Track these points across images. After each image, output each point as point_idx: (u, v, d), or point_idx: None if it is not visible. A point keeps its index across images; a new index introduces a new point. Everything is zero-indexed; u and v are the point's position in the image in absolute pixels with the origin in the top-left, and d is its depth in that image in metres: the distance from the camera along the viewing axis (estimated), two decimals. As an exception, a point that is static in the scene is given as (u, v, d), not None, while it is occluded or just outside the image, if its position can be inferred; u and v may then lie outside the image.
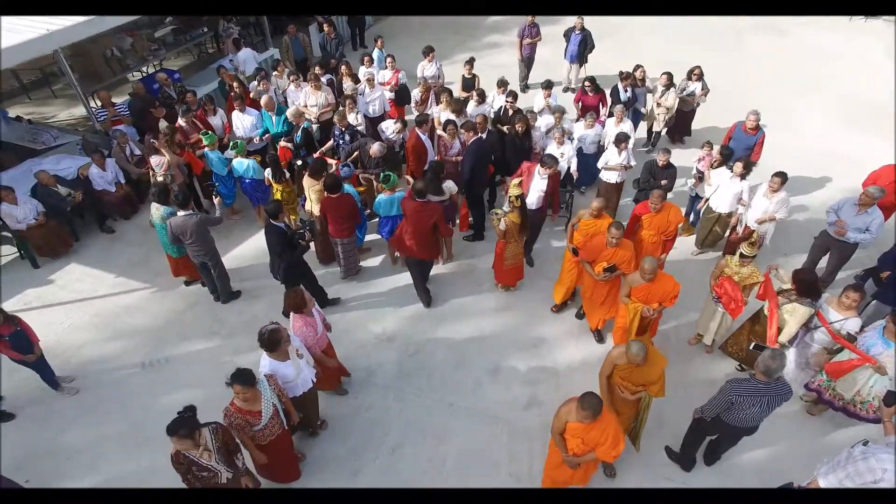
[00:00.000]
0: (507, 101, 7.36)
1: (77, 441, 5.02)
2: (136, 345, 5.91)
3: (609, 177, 6.76)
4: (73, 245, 7.21)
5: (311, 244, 5.89)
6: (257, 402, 3.79)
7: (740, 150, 6.83)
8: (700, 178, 6.72)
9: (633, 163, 6.66)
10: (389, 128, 7.41)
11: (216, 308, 6.30)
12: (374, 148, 6.51)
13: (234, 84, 8.10)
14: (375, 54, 8.95)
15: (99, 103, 8.27)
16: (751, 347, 4.97)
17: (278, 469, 4.36)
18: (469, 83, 8.45)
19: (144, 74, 10.76)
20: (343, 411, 5.16)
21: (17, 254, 7.01)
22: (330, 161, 6.80)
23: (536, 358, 5.61)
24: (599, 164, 6.77)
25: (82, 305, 6.40)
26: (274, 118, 7.40)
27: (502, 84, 7.64)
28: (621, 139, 6.48)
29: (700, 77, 7.97)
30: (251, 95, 8.09)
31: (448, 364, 5.57)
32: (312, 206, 6.29)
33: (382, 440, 4.92)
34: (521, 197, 5.50)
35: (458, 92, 8.51)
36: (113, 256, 7.11)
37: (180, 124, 7.27)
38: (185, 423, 3.40)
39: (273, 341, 3.93)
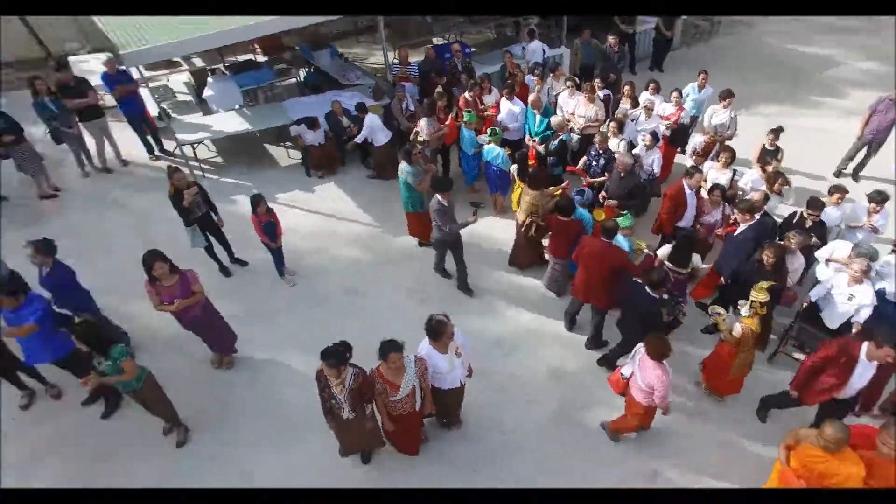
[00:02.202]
0: (808, 213, 5.86)
1: (282, 329, 6.32)
2: (349, 271, 7.10)
3: None
4: (340, 168, 8.97)
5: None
6: (400, 376, 4.22)
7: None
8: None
9: None
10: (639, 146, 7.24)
11: (428, 273, 7.01)
12: (622, 159, 6.44)
13: (515, 72, 8.76)
14: (689, 90, 8.43)
15: (397, 59, 9.73)
16: None
17: (400, 441, 4.90)
18: (770, 154, 7.23)
19: (444, 41, 12.25)
20: (484, 425, 5.39)
21: (300, 161, 8.96)
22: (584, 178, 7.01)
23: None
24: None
25: (326, 220, 7.95)
26: (537, 118, 7.81)
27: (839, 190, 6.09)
28: None
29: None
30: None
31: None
32: (519, 213, 6.53)
33: (508, 466, 5.06)
34: (769, 305, 4.84)
35: (751, 155, 7.50)
36: (362, 189, 8.58)
37: (465, 97, 8.17)
38: (335, 355, 3.98)
39: (436, 331, 4.25)
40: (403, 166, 6.71)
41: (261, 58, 11.85)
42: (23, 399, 5.54)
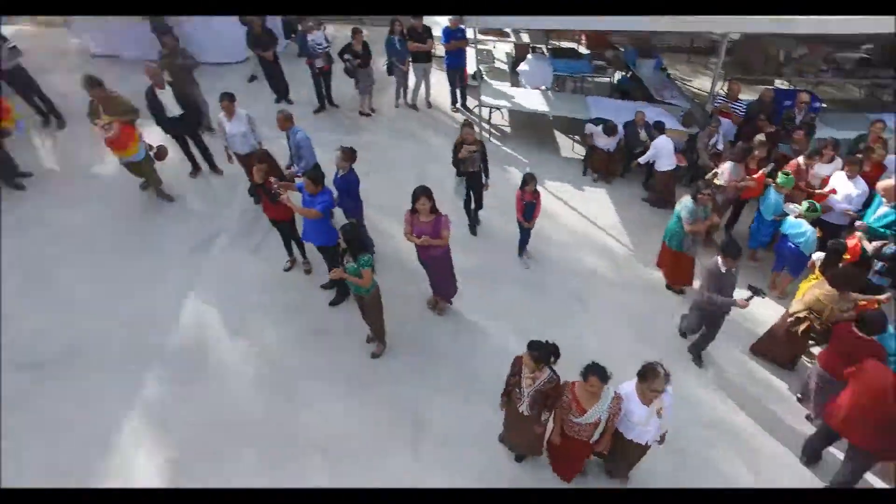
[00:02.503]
0: None
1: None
2: (585, 278, 6.93)
3: None
4: (618, 178, 8.80)
5: None
6: (591, 403, 3.98)
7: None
8: None
9: None
10: None
11: (662, 316, 6.47)
12: None
13: (875, 146, 7.15)
14: None
15: (725, 90, 8.84)
16: None
17: (560, 462, 4.68)
18: None
19: (790, 87, 10.72)
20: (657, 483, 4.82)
21: (581, 158, 9.03)
22: None
23: None
24: None
25: (584, 222, 7.87)
26: (884, 209, 6.27)
27: None
28: None
29: None
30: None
31: None
32: (796, 303, 5.51)
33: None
34: None
35: None
36: (631, 207, 8.27)
37: (799, 163, 7.05)
38: (541, 350, 3.96)
39: (644, 375, 3.93)
40: (686, 200, 6.19)
41: (583, 49, 12.03)
42: (286, 263, 6.79)
